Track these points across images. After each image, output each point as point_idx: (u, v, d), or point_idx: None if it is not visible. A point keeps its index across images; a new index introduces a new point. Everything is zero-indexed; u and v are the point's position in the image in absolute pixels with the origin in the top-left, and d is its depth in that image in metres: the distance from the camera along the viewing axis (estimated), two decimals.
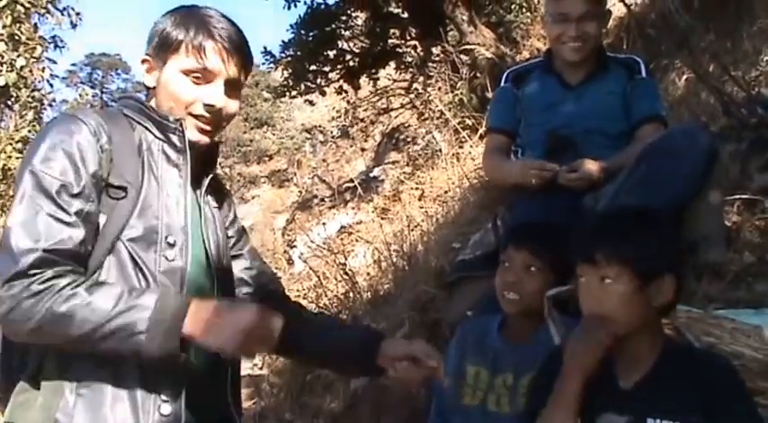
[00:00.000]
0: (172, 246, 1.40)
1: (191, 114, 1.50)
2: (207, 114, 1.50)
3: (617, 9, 4.68)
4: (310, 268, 4.45)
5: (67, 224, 1.32)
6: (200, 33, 1.49)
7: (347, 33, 7.57)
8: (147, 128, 1.49)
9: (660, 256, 1.44)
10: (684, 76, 3.65)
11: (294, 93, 7.89)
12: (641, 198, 2.04)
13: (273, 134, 16.81)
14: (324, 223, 6.41)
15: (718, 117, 2.86)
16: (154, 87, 1.52)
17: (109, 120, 1.45)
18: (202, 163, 1.54)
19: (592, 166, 2.28)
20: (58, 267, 1.29)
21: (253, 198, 13.79)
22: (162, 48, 1.50)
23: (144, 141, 1.48)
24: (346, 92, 7.87)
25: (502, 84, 2.72)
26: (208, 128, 1.51)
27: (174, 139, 1.48)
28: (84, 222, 1.33)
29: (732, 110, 2.77)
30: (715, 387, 1.38)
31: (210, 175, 1.56)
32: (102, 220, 1.37)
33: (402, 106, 7.77)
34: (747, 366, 1.51)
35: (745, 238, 2.27)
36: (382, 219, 5.12)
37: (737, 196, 2.39)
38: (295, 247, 6.98)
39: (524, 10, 6.81)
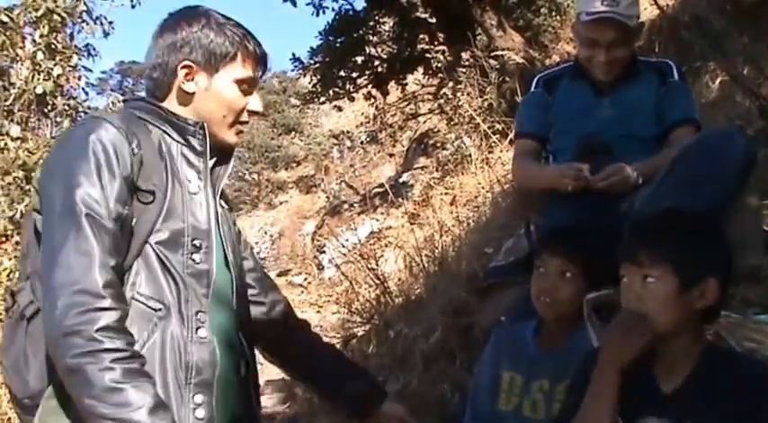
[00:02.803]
0: (198, 248, 1.42)
1: (237, 121, 1.54)
2: (248, 120, 1.55)
3: (649, 12, 4.64)
4: (342, 273, 4.46)
5: (110, 253, 1.32)
6: (250, 43, 1.53)
7: (375, 39, 7.60)
8: (164, 131, 1.49)
9: (703, 259, 1.44)
10: (718, 80, 3.61)
11: (322, 99, 7.94)
12: (677, 201, 2.02)
13: (301, 140, 16.90)
14: (354, 228, 6.42)
15: (754, 120, 2.82)
16: (193, 93, 1.51)
17: (130, 123, 1.45)
18: (217, 164, 1.56)
19: (627, 168, 2.27)
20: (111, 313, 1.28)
21: (281, 204, 13.88)
22: (213, 56, 1.51)
23: (164, 144, 1.48)
24: (374, 97, 7.89)
25: (532, 88, 2.71)
26: (244, 131, 1.57)
27: (194, 142, 1.50)
28: (121, 228, 1.35)
29: None
30: (758, 393, 1.37)
31: (226, 176, 1.58)
32: (132, 223, 1.38)
33: (430, 111, 7.77)
34: None
35: None
36: (412, 224, 5.12)
37: None
38: (325, 252, 7.00)
39: (553, 13, 6.79)
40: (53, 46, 5.32)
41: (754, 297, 2.11)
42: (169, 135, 1.49)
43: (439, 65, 7.05)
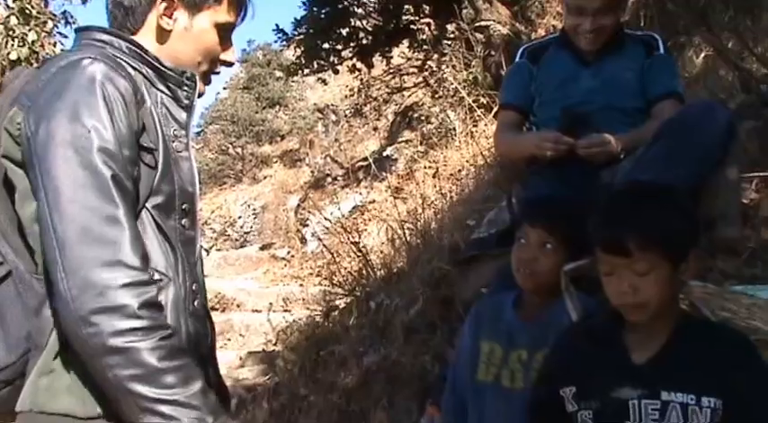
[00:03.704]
0: (186, 213, 1.33)
1: (210, 70, 1.42)
2: (219, 71, 1.43)
3: None
4: (324, 246, 4.46)
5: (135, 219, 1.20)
6: None
7: (360, 11, 7.52)
8: (147, 77, 1.33)
9: (687, 234, 1.44)
10: (703, 54, 3.62)
11: (306, 71, 7.87)
12: (659, 174, 2.03)
13: (285, 114, 16.78)
14: (337, 202, 6.42)
15: (737, 94, 2.84)
16: (170, 31, 1.35)
17: (119, 67, 1.27)
18: None
19: (611, 140, 2.27)
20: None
21: (265, 178, 13.81)
22: None
23: (150, 94, 1.32)
24: (359, 70, 7.84)
25: (517, 59, 2.70)
26: (210, 81, 1.43)
27: (181, 94, 1.36)
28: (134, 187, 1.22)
29: (751, 86, 2.74)
30: (731, 361, 1.39)
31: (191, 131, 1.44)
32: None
33: (415, 85, 7.73)
34: (764, 340, 1.52)
35: (762, 215, 2.27)
36: (396, 197, 5.12)
37: (755, 173, 2.38)
38: (308, 225, 7.00)
39: None
40: (27, 11, 5.18)
41: (730, 269, 2.14)
42: (151, 82, 1.34)
43: (424, 38, 7.00)
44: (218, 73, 1.45)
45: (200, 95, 1.40)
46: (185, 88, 1.36)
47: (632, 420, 1.39)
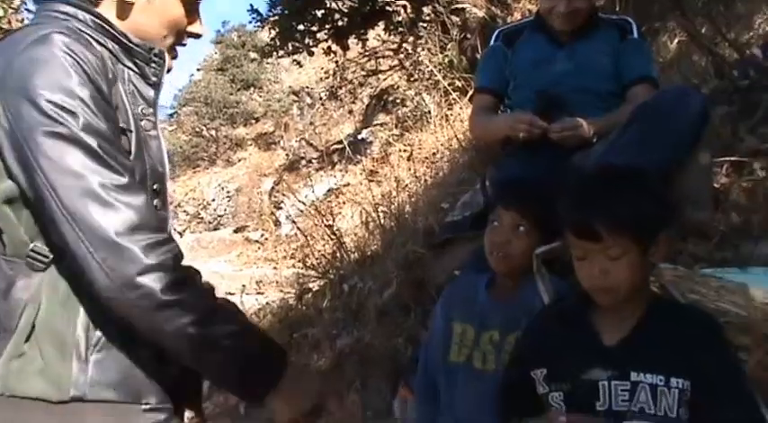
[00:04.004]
0: (157, 193, 1.31)
1: (176, 43, 1.39)
2: (186, 43, 1.40)
3: None
4: (298, 229, 4.44)
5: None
6: None
7: None
8: (113, 53, 1.29)
9: (658, 218, 1.44)
10: (676, 39, 3.64)
11: (281, 53, 7.79)
12: (632, 158, 2.04)
13: (260, 96, 16.63)
14: (311, 185, 6.39)
15: (710, 79, 2.86)
16: (132, 3, 1.31)
17: (86, 42, 1.23)
18: None
19: (583, 124, 2.28)
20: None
21: (239, 161, 13.70)
22: None
23: (117, 70, 1.28)
24: (334, 53, 7.78)
25: (492, 42, 2.70)
26: (176, 55, 1.40)
27: (149, 70, 1.33)
28: None
29: (724, 72, 2.76)
30: (700, 342, 1.40)
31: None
32: None
33: (391, 68, 7.70)
34: (732, 323, 1.54)
35: (733, 199, 2.29)
36: (370, 181, 5.11)
37: (727, 158, 2.40)
38: (282, 208, 6.97)
39: None
40: None
41: (701, 252, 2.16)
42: (117, 58, 1.29)
43: (400, 20, 6.96)
44: (184, 45, 1.41)
45: (168, 70, 1.37)
46: (153, 65, 1.33)
47: (602, 401, 1.40)
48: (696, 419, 1.37)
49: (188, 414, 1.39)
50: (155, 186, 1.30)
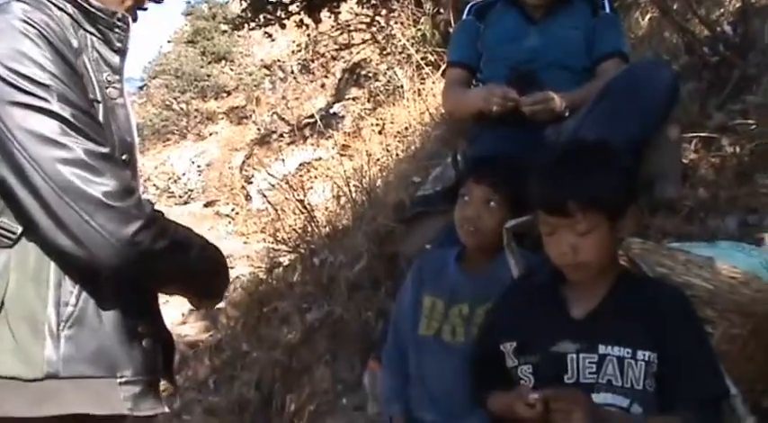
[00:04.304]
0: (127, 164, 1.29)
1: (137, 6, 1.34)
2: (147, 7, 1.36)
3: None
4: (268, 203, 4.40)
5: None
6: None
7: None
8: (74, 18, 1.25)
9: (626, 192, 1.44)
10: (648, 15, 3.63)
11: (252, 25, 7.67)
12: (603, 132, 2.03)
13: (231, 69, 16.38)
14: (283, 160, 6.34)
15: (681, 55, 2.86)
16: None
17: (45, 7, 1.20)
18: None
19: (555, 97, 2.27)
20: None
21: (210, 134, 13.52)
22: None
23: (78, 37, 1.24)
24: (307, 26, 7.67)
25: (464, 16, 2.67)
26: (137, 18, 1.36)
27: (113, 36, 1.28)
28: None
29: (695, 48, 2.76)
30: (667, 315, 1.41)
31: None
32: None
33: (364, 42, 7.62)
34: (698, 296, 1.55)
35: (701, 174, 2.30)
36: (342, 155, 5.08)
37: (696, 134, 2.41)
38: (252, 182, 6.91)
39: None
40: None
41: (670, 227, 2.18)
42: (79, 24, 1.25)
43: None
44: (145, 9, 1.37)
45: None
46: (117, 30, 1.29)
47: (570, 374, 1.40)
48: (662, 391, 1.39)
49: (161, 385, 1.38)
50: (124, 157, 1.28)
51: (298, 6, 7.33)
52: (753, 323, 1.57)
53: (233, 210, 6.98)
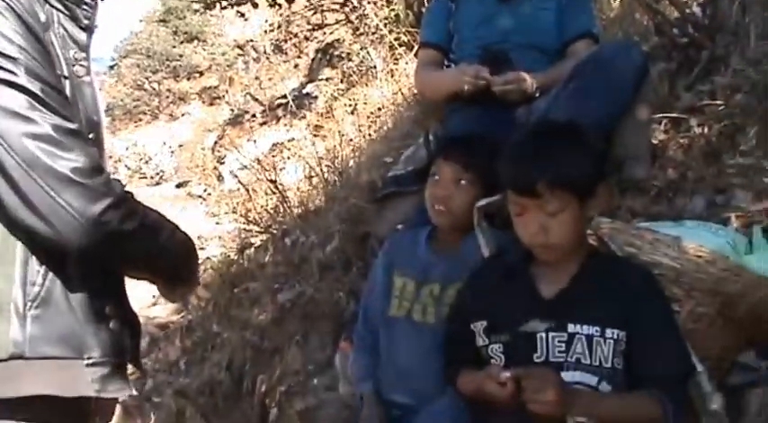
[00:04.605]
0: (94, 143, 1.25)
1: None
2: None
3: None
4: (239, 182, 4.36)
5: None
6: None
7: None
8: None
9: (596, 172, 1.44)
10: None
11: (225, 4, 7.55)
12: (573, 113, 2.03)
13: (204, 49, 16.14)
14: (255, 140, 6.28)
15: (651, 37, 2.86)
16: None
17: None
18: None
19: (526, 78, 2.26)
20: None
21: (182, 115, 13.34)
22: None
23: (45, 13, 1.22)
24: (279, 5, 7.57)
25: None
26: None
27: (80, 13, 1.27)
28: None
29: (665, 30, 2.77)
30: (635, 294, 1.42)
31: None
32: None
33: (337, 22, 7.54)
34: (665, 275, 1.56)
35: (670, 155, 2.31)
36: (315, 135, 5.04)
37: (665, 115, 2.42)
38: (224, 163, 6.84)
39: None
40: None
41: (639, 207, 2.18)
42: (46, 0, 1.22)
43: None
44: None
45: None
46: (84, 7, 1.27)
47: (539, 353, 1.40)
48: (630, 369, 1.39)
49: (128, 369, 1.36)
50: (90, 136, 1.25)
51: None
52: (719, 302, 1.58)
53: (205, 190, 6.91)
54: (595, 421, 1.35)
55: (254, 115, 7.55)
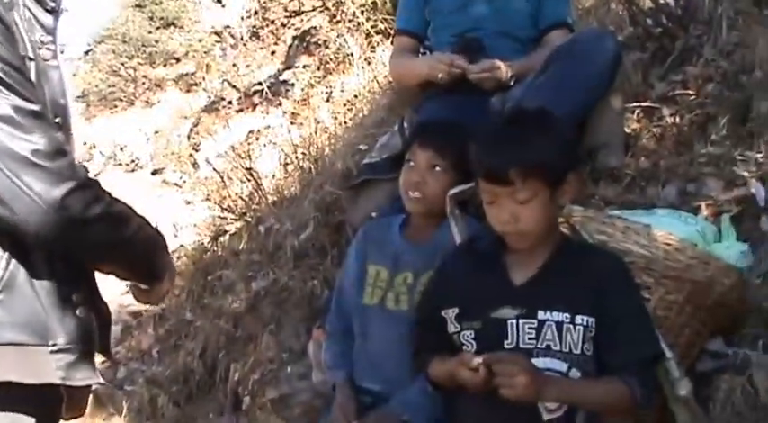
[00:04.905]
0: (60, 127, 1.23)
1: None
2: None
3: None
4: (214, 169, 4.32)
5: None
6: None
7: None
8: None
9: (567, 160, 1.44)
10: None
11: None
12: (547, 101, 2.02)
13: (181, 35, 15.95)
14: (231, 128, 6.21)
15: (625, 27, 2.87)
16: None
17: None
18: None
19: (501, 66, 2.26)
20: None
21: (159, 102, 13.18)
22: None
23: None
24: None
25: None
26: None
27: None
28: None
29: (639, 20, 2.77)
30: (605, 281, 1.42)
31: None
32: None
33: (314, 9, 7.48)
34: (635, 263, 1.56)
35: (642, 144, 2.32)
36: (291, 123, 5.00)
37: (638, 104, 2.43)
38: (200, 150, 6.77)
39: None
40: None
41: (612, 195, 2.19)
42: None
43: None
44: None
45: None
46: None
47: (510, 340, 1.41)
48: (600, 354, 1.40)
49: (98, 359, 1.34)
50: (57, 120, 1.22)
51: None
52: (688, 289, 1.59)
53: (180, 178, 6.84)
54: (566, 406, 1.37)
55: (230, 102, 7.47)
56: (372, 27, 4.72)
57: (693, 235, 1.75)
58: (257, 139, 5.65)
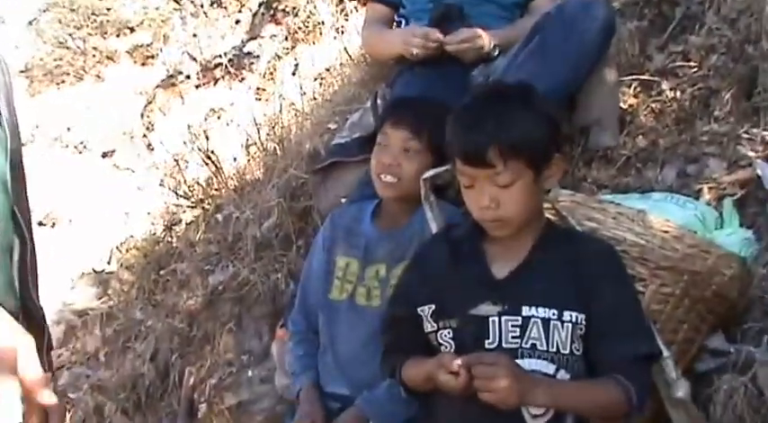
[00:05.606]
0: None
1: None
2: None
3: None
4: (170, 153, 4.27)
5: None
6: None
7: None
8: None
9: (551, 140, 1.43)
10: None
11: None
12: (532, 74, 2.01)
13: (135, 2, 15.78)
14: (188, 105, 6.14)
15: None
16: None
17: None
18: None
19: (482, 35, 2.24)
20: None
21: (110, 76, 13.03)
22: None
23: None
24: None
25: None
26: None
27: None
28: None
29: None
30: (595, 272, 1.42)
31: None
32: None
33: None
34: (628, 252, 1.56)
35: (640, 121, 2.32)
36: (256, 99, 4.94)
37: (635, 77, 2.42)
38: (154, 130, 6.70)
39: None
40: None
41: (605, 178, 2.19)
42: None
43: None
44: None
45: None
46: None
47: (492, 339, 1.39)
48: (590, 353, 1.39)
49: None
50: None
51: None
52: (685, 281, 1.59)
53: (132, 161, 6.76)
54: (553, 411, 1.36)
55: (188, 77, 7.39)
56: None
57: (692, 221, 1.75)
58: (218, 117, 5.60)
